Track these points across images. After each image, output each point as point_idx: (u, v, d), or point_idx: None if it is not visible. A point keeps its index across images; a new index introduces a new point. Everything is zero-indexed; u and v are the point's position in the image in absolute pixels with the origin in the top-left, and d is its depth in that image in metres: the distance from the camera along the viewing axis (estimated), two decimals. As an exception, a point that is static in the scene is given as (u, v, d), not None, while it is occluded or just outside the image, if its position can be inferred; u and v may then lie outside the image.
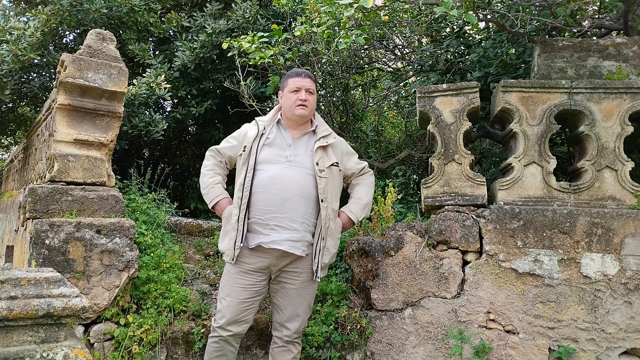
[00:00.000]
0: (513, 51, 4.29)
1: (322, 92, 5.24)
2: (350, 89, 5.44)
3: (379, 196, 3.63)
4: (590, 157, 3.19)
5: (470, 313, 3.12)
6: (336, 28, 3.89)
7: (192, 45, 4.86)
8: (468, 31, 4.85)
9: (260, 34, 4.16)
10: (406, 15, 4.48)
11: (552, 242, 3.09)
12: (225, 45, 4.22)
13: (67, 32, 5.16)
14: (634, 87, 3.17)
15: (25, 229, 3.17)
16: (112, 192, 3.23)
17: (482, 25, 4.92)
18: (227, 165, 2.91)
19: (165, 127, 4.67)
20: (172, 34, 5.26)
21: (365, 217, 3.00)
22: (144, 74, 4.63)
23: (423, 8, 4.04)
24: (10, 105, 5.67)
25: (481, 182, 3.26)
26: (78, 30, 5.05)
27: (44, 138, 3.76)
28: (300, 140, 2.76)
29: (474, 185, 3.26)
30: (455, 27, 4.82)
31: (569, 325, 3.03)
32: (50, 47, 4.91)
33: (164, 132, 4.76)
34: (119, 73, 3.31)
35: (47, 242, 2.92)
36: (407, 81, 5.62)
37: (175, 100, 5.78)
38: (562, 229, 3.08)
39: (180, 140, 6.71)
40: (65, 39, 5.32)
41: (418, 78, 5.20)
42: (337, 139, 2.85)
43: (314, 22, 3.93)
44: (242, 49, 4.13)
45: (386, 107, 6.29)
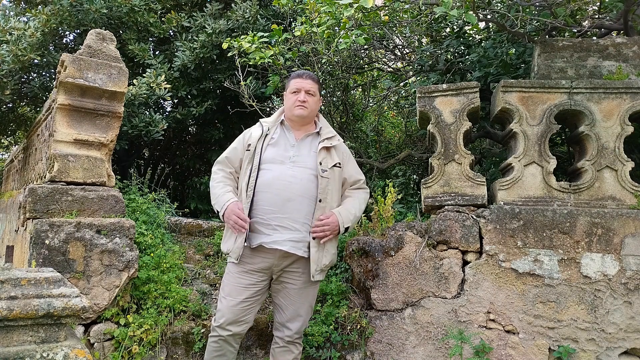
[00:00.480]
0: (513, 51, 4.29)
1: (322, 92, 5.23)
2: (350, 89, 5.44)
3: (379, 196, 3.63)
4: (590, 157, 3.19)
5: (470, 313, 3.12)
6: (336, 28, 3.89)
7: (192, 45, 4.86)
8: (468, 31, 4.85)
9: (260, 34, 4.16)
10: (406, 15, 4.48)
11: (552, 242, 3.09)
12: (225, 45, 4.22)
13: (67, 32, 5.16)
14: (634, 87, 3.17)
15: (25, 229, 3.17)
16: (112, 192, 3.23)
17: (482, 25, 4.92)
18: (237, 174, 2.83)
19: (165, 127, 4.67)
20: (172, 34, 5.26)
21: (351, 228, 2.86)
22: (144, 74, 4.63)
23: (423, 8, 4.04)
24: (11, 105, 5.68)
25: (481, 182, 3.26)
26: (78, 30, 5.05)
27: (44, 138, 3.76)
28: (303, 141, 2.77)
29: (474, 185, 3.26)
30: (455, 27, 4.82)
31: (569, 325, 3.03)
32: (51, 47, 4.91)
33: (164, 132, 4.76)
34: (119, 73, 3.31)
35: (47, 242, 2.92)
36: (407, 81, 5.61)
37: (175, 100, 5.78)
38: (562, 229, 3.08)
39: (180, 140, 6.71)
40: (65, 39, 5.32)
41: (418, 78, 5.20)
42: (341, 142, 2.85)
43: (314, 22, 3.93)
44: (242, 49, 4.13)
45: (386, 107, 6.29)
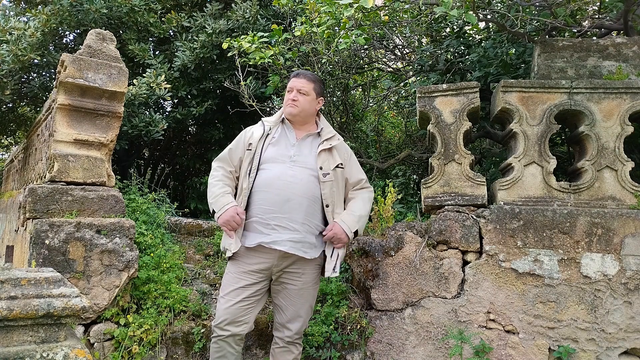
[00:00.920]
0: (513, 51, 4.29)
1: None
2: (350, 89, 5.44)
3: (379, 196, 3.63)
4: (590, 157, 3.19)
5: (470, 313, 3.12)
6: (336, 28, 3.89)
7: (192, 45, 4.86)
8: (468, 31, 4.85)
9: (260, 34, 4.16)
10: (406, 15, 4.48)
11: (552, 242, 3.09)
12: (225, 45, 4.22)
13: (67, 32, 5.16)
14: (634, 87, 3.17)
15: (25, 229, 3.17)
16: (112, 192, 3.23)
17: (482, 25, 4.92)
18: (236, 173, 2.83)
19: (165, 127, 4.68)
20: (172, 34, 5.26)
21: (361, 230, 2.80)
22: (144, 74, 4.63)
23: (423, 8, 4.04)
24: (11, 105, 5.68)
25: (481, 182, 3.25)
26: (78, 30, 5.05)
27: (44, 138, 3.76)
28: (304, 141, 2.77)
29: (474, 185, 3.26)
30: (455, 27, 4.82)
31: (569, 325, 3.03)
32: (50, 47, 4.91)
33: (164, 132, 4.76)
34: (119, 73, 3.31)
35: (47, 242, 2.92)
36: (407, 81, 5.61)
37: (176, 100, 5.78)
38: (562, 229, 3.08)
39: (180, 140, 6.71)
40: (65, 39, 5.32)
41: (418, 78, 5.20)
42: (341, 141, 2.85)
43: (314, 22, 3.93)
44: (242, 49, 4.13)
45: (386, 107, 6.29)
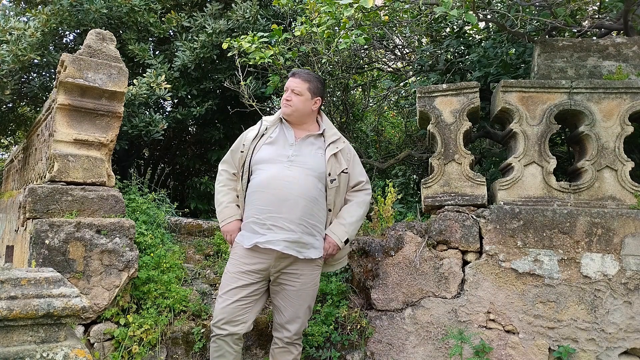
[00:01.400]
0: (513, 51, 4.29)
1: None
2: (350, 89, 5.44)
3: (379, 196, 3.63)
4: (590, 157, 3.19)
5: (470, 313, 3.12)
6: (336, 28, 3.89)
7: (192, 45, 4.86)
8: (468, 31, 4.85)
9: (260, 34, 4.16)
10: (406, 15, 4.48)
11: (552, 242, 3.09)
12: (225, 45, 4.22)
13: (67, 32, 5.16)
14: (634, 87, 3.17)
15: (25, 229, 3.17)
16: (112, 192, 3.23)
17: (482, 25, 4.92)
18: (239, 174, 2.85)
19: (165, 127, 4.67)
20: (172, 34, 5.26)
21: (352, 237, 2.82)
22: (144, 74, 4.62)
23: (423, 8, 4.04)
24: (10, 105, 5.67)
25: (481, 182, 3.25)
26: (78, 30, 5.05)
27: (44, 138, 3.76)
28: (305, 141, 2.75)
29: (474, 185, 3.26)
30: (455, 27, 4.82)
31: (569, 325, 3.03)
32: (50, 47, 4.91)
33: (164, 132, 4.76)
34: (119, 73, 3.31)
35: (47, 242, 2.92)
36: (407, 81, 5.61)
37: (176, 100, 5.77)
38: (562, 229, 3.08)
39: (181, 140, 6.71)
40: (65, 39, 5.32)
41: (418, 78, 5.20)
42: (347, 144, 2.84)
43: (314, 22, 3.92)
44: (242, 49, 4.12)
45: (386, 107, 6.29)
